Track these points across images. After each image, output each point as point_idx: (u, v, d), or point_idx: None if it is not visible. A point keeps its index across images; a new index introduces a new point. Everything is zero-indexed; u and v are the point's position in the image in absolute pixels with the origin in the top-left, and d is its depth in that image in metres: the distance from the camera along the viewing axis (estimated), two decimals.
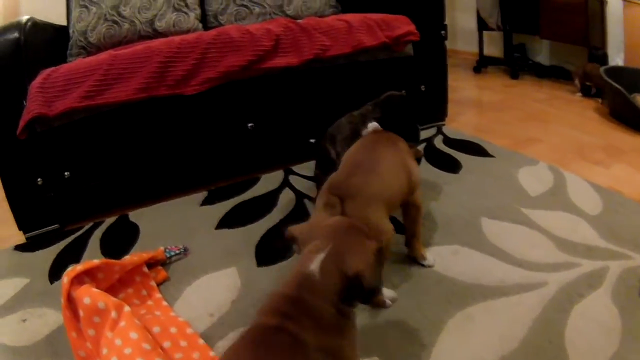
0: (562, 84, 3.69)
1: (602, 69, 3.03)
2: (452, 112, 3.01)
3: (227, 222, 1.94)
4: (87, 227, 2.02)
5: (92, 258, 1.73)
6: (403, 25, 2.46)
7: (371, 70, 2.48)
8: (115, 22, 2.54)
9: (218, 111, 2.21)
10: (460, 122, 2.94)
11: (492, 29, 4.09)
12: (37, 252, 1.87)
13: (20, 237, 2.03)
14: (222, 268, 1.63)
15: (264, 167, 2.41)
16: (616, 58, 3.43)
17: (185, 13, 2.70)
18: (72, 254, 1.83)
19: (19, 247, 1.93)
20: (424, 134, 2.67)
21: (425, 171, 2.19)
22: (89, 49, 2.53)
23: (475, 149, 2.42)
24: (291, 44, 2.25)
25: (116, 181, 2.15)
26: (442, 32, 2.64)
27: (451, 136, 2.63)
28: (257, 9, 2.81)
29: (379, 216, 1.30)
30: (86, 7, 2.54)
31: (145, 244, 1.83)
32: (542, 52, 4.09)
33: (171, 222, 1.98)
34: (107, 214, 2.11)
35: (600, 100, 3.19)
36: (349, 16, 2.49)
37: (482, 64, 4.30)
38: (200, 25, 2.78)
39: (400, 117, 1.62)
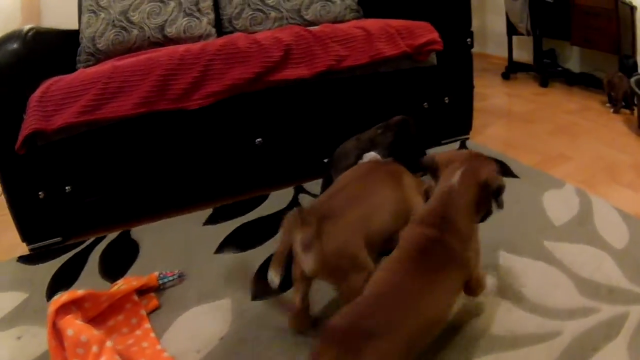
0: (593, 92, 3.48)
1: (633, 79, 2.88)
2: (478, 123, 2.86)
3: (227, 246, 1.84)
4: (88, 242, 1.97)
5: (91, 276, 1.73)
6: (426, 33, 2.32)
7: (391, 81, 2.34)
8: (123, 28, 2.48)
9: (224, 125, 2.11)
10: (486, 135, 2.78)
11: (521, 34, 3.89)
12: (38, 265, 1.84)
13: (25, 247, 2.01)
14: (215, 299, 1.54)
15: (273, 184, 2.30)
16: None
17: (197, 18, 2.62)
18: (71, 271, 1.78)
19: (22, 259, 1.90)
20: (449, 147, 2.54)
21: None
22: (98, 56, 2.47)
23: (500, 168, 2.27)
24: (303, 54, 2.13)
25: (119, 196, 2.08)
26: (468, 39, 2.49)
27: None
28: (273, 14, 2.71)
29: (355, 245, 1.19)
30: (94, 12, 2.48)
31: (143, 265, 1.76)
32: (573, 59, 3.88)
33: (171, 242, 1.90)
34: (110, 228, 2.06)
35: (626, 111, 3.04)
36: (368, 23, 2.36)
37: (511, 70, 4.11)
38: (214, 30, 2.70)
39: (410, 144, 1.50)
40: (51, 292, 1.65)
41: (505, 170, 2.23)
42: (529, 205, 1.92)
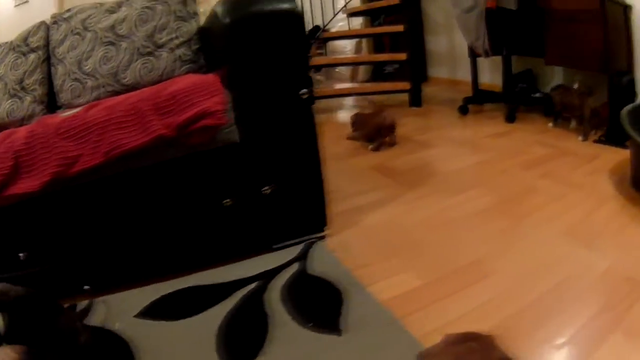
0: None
1: (624, 110, 1.59)
2: (378, 199, 1.71)
3: None
4: None
5: None
6: (201, 100, 1.22)
7: (159, 177, 1.27)
8: None
9: None
10: (362, 228, 1.51)
11: (479, 55, 2.57)
12: None
13: None
14: None
15: None
16: None
17: (20, 98, 1.80)
18: None
19: None
20: (281, 256, 1.37)
21: None
22: None
23: (320, 312, 1.10)
24: (32, 160, 1.21)
25: None
26: (303, 91, 1.32)
27: (312, 270, 1.28)
28: (89, 82, 1.77)
29: None
30: None
31: None
32: (555, 81, 2.50)
33: None
34: None
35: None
36: (130, 96, 1.31)
37: (475, 100, 2.77)
38: (40, 108, 1.83)
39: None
40: None
41: (327, 316, 1.09)
42: None
